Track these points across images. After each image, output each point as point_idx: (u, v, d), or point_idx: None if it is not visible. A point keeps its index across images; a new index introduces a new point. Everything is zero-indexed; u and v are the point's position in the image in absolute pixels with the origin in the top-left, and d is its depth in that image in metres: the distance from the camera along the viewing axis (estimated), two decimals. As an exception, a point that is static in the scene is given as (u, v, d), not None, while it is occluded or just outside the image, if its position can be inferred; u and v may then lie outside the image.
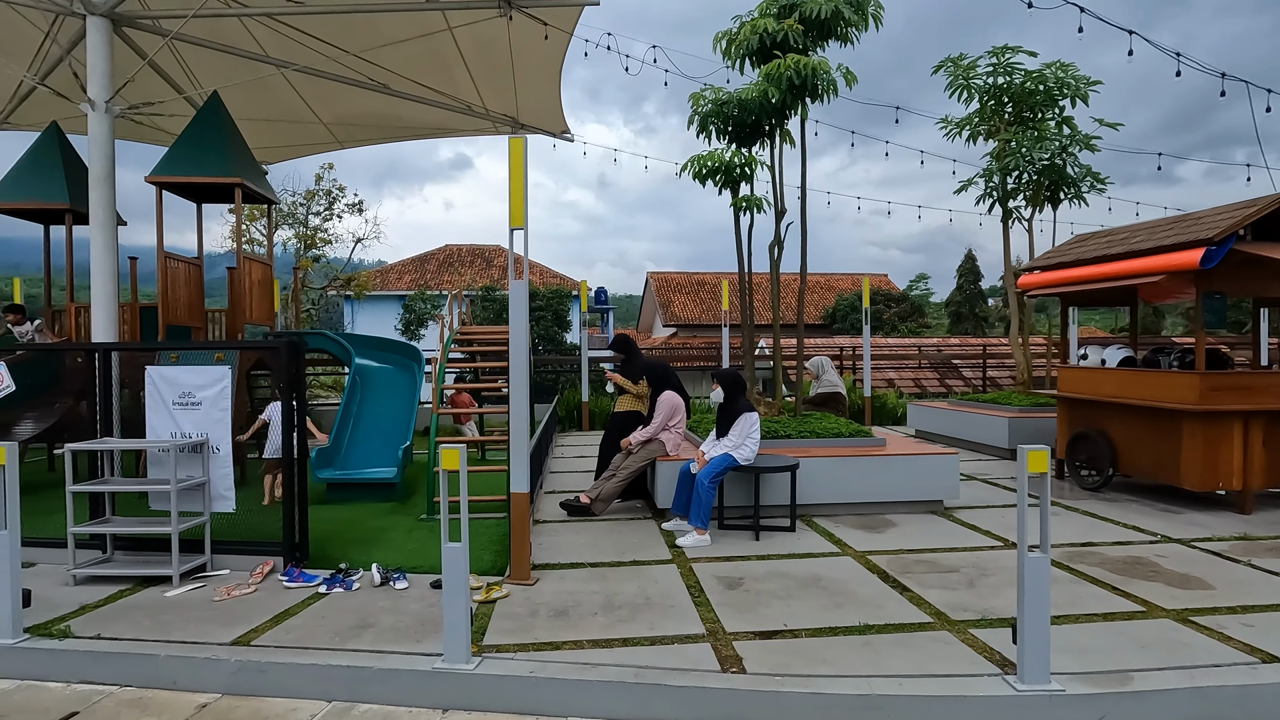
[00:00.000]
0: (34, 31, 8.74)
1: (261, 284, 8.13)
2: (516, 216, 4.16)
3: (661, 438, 5.74)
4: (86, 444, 4.36)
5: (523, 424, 4.23)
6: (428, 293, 22.36)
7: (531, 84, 10.12)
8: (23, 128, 10.68)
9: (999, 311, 41.66)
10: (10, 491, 3.42)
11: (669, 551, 4.85)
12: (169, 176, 7.31)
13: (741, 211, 6.83)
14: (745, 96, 6.40)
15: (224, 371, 4.48)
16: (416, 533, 5.42)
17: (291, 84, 9.96)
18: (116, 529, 4.29)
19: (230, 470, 4.49)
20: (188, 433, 4.49)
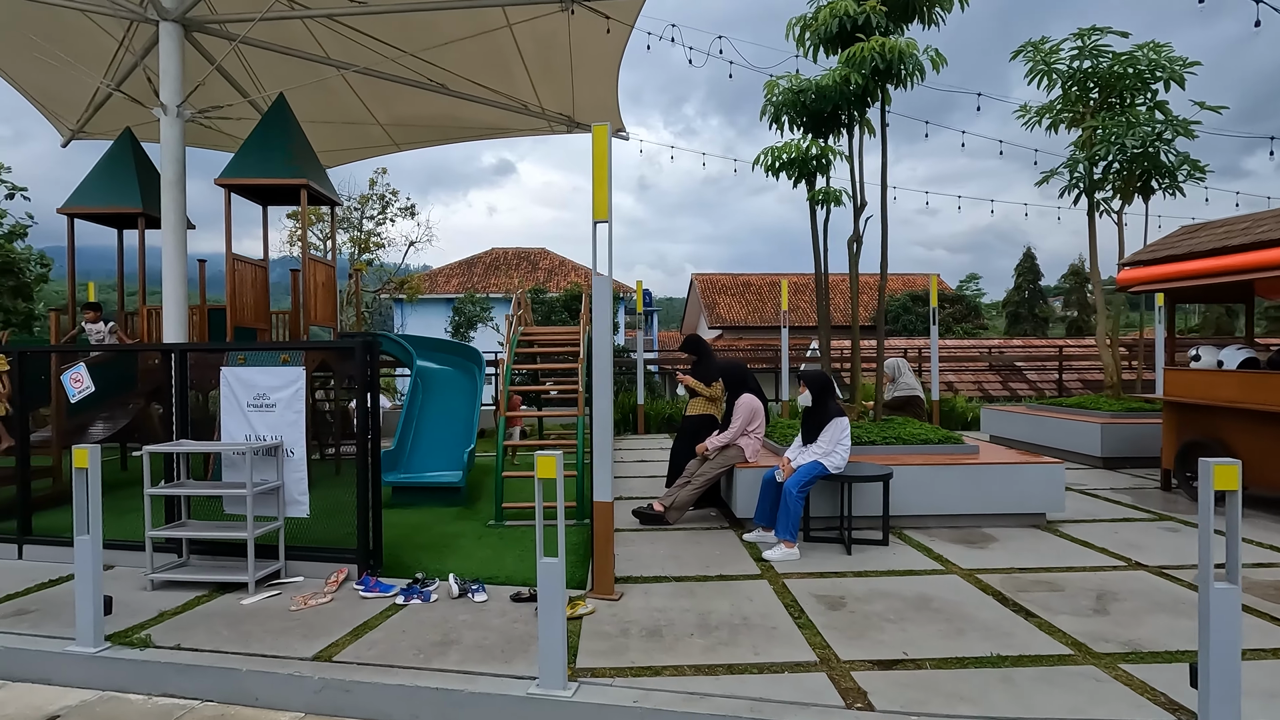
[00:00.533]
0: (109, 41, 8.95)
1: (325, 286, 8.12)
2: (600, 209, 3.92)
3: (740, 443, 5.43)
4: (163, 446, 4.29)
5: (606, 429, 3.98)
6: (476, 295, 22.49)
7: (589, 80, 9.95)
8: (96, 136, 11.01)
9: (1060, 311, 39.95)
10: (93, 496, 3.32)
11: (756, 565, 4.54)
12: (237, 179, 7.33)
13: (818, 205, 6.48)
14: (824, 83, 6.06)
15: (298, 373, 4.36)
16: (486, 539, 5.23)
17: (351, 86, 9.99)
18: (193, 533, 4.20)
19: (304, 474, 4.37)
20: (262, 435, 4.38)
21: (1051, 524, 5.54)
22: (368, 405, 4.27)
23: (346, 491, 4.98)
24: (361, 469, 4.28)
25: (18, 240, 15.61)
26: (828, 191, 6.36)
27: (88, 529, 3.32)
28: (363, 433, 4.26)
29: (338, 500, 4.96)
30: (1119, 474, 7.80)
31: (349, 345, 4.25)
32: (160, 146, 7.37)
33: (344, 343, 4.23)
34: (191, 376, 4.79)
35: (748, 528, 5.27)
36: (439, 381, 7.65)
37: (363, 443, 4.27)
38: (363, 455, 4.27)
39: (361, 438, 4.27)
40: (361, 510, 4.26)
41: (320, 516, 4.56)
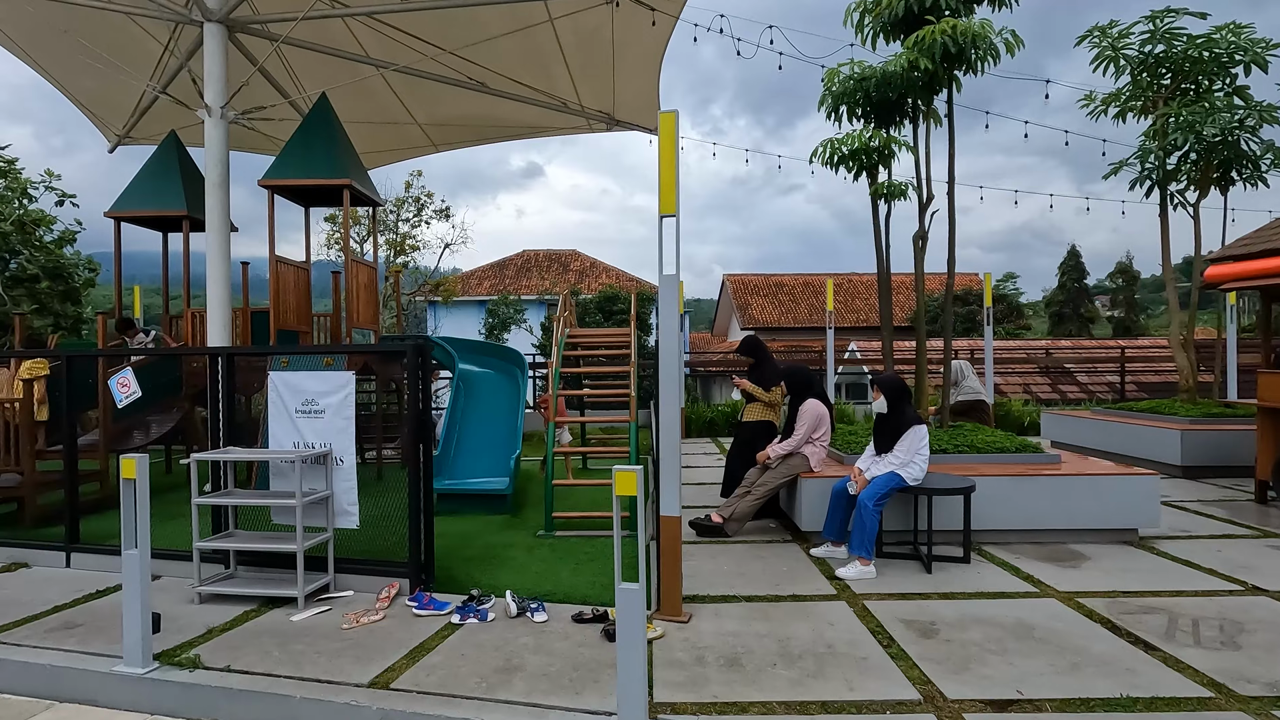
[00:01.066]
0: (154, 45, 8.98)
1: (367, 287, 8.01)
2: (668, 202, 3.66)
3: (804, 451, 5.12)
4: (210, 454, 4.14)
5: (673, 437, 3.71)
6: (510, 297, 22.42)
7: (630, 76, 9.72)
8: (142, 141, 11.12)
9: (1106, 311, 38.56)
10: (141, 509, 3.16)
11: (830, 584, 4.22)
12: (281, 180, 7.25)
13: (880, 199, 6.13)
14: (889, 70, 5.71)
15: (347, 378, 4.17)
16: (538, 552, 5.00)
17: (390, 86, 9.91)
18: (240, 545, 4.04)
19: (354, 484, 4.18)
20: (310, 443, 4.20)
21: (1145, 541, 5.11)
22: (419, 410, 4.06)
23: (391, 499, 4.80)
24: (413, 478, 4.07)
25: (67, 246, 15.90)
26: (891, 185, 6.00)
27: (135, 543, 3.15)
28: (414, 440, 4.06)
29: (384, 509, 4.79)
30: (1203, 484, 7.28)
31: (401, 348, 4.05)
32: (204, 148, 7.32)
33: (396, 346, 4.04)
34: (234, 380, 4.65)
35: (814, 542, 4.95)
36: (481, 384, 7.47)
37: (414, 450, 4.06)
38: (414, 463, 4.07)
39: (413, 445, 4.06)
40: (414, 522, 4.05)
41: (366, 525, 4.38)
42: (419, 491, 4.07)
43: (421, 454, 4.08)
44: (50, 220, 15.50)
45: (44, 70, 9.55)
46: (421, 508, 4.08)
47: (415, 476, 4.06)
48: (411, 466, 4.06)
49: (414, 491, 4.06)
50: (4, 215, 14.64)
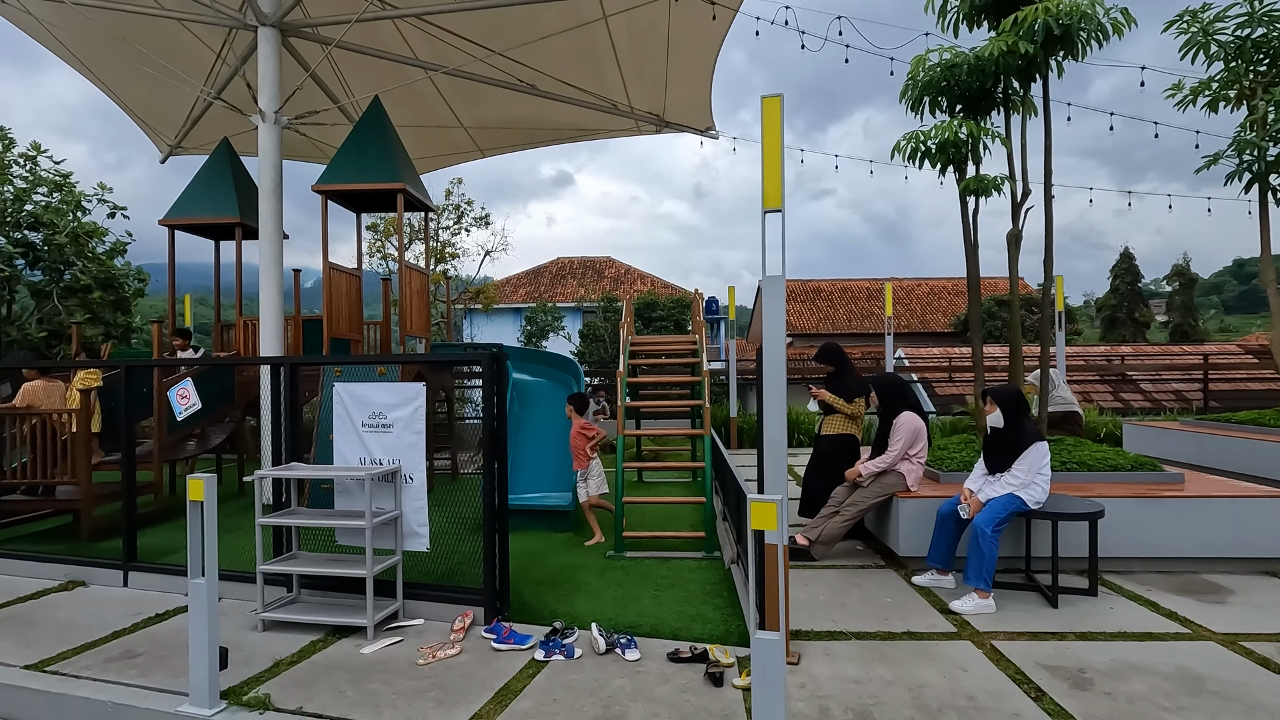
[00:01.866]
0: (207, 53, 8.96)
1: (420, 294, 7.80)
2: (773, 195, 3.30)
3: (900, 469, 4.69)
4: (275, 471, 3.89)
5: (779, 456, 3.34)
6: (549, 304, 22.27)
7: (683, 74, 9.42)
8: (193, 151, 11.17)
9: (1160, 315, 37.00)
10: (209, 535, 2.90)
11: (944, 619, 3.79)
12: (334, 185, 7.08)
13: (971, 195, 5.68)
14: (984, 55, 5.28)
15: (417, 390, 3.89)
16: (612, 575, 4.66)
17: (439, 89, 9.76)
18: (305, 569, 3.78)
19: (424, 503, 3.89)
20: (378, 459, 3.93)
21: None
22: (494, 425, 3.76)
23: (454, 516, 4.53)
24: (488, 498, 3.77)
25: (118, 257, 16.18)
26: (984, 179, 5.55)
27: (203, 571, 2.89)
28: (489, 456, 3.76)
29: (450, 527, 4.50)
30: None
31: (475, 357, 3.76)
32: (259, 153, 7.21)
33: (472, 355, 3.76)
34: (297, 391, 4.41)
35: (914, 568, 4.52)
36: (536, 395, 7.18)
37: (489, 467, 3.76)
38: (489, 482, 3.76)
39: (488, 462, 3.76)
40: (489, 545, 3.75)
41: (434, 546, 4.09)
42: (494, 512, 3.76)
43: (495, 471, 3.77)
44: (103, 232, 15.78)
45: (100, 80, 9.62)
46: (496, 530, 3.77)
47: (490, 496, 3.76)
48: (486, 485, 3.76)
49: (489, 512, 3.75)
50: (59, 227, 14.93)
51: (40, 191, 15.10)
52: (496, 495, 3.78)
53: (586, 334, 21.76)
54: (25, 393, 5.72)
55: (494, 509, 3.76)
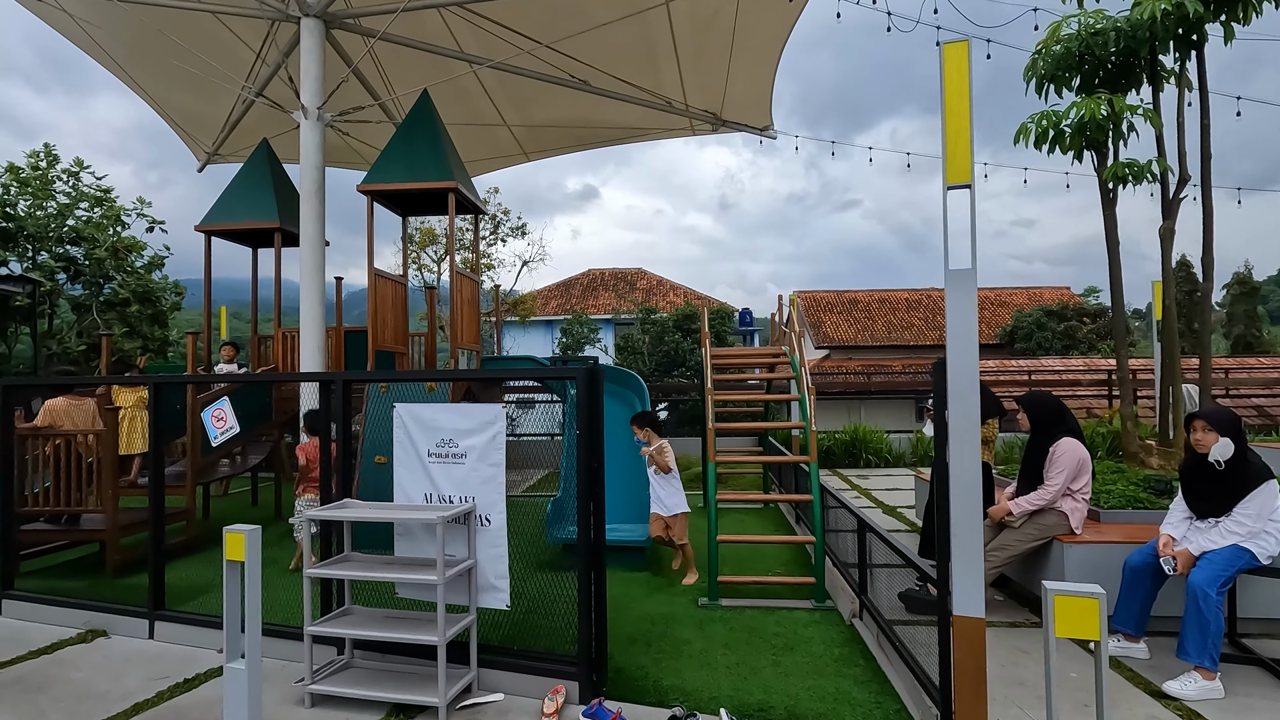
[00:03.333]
0: (247, 53, 8.56)
1: (470, 304, 7.20)
2: (959, 166, 2.59)
3: (1063, 507, 3.89)
4: (328, 511, 3.24)
5: (970, 497, 2.59)
6: (584, 316, 21.69)
7: (745, 69, 8.77)
8: (231, 159, 10.81)
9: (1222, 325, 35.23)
10: (251, 604, 2.24)
11: (1162, 707, 2.98)
12: (381, 184, 6.53)
13: (1116, 184, 4.90)
14: (1139, 17, 4.52)
15: (495, 412, 3.23)
16: (713, 630, 3.92)
17: (484, 87, 9.24)
18: (364, 633, 3.11)
19: (504, 550, 3.21)
20: (447, 495, 3.27)
21: None
22: (590, 455, 3.07)
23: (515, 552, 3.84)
24: (584, 545, 3.07)
25: (155, 270, 16.02)
26: (1131, 165, 4.77)
27: (243, 651, 2.23)
28: (585, 496, 3.06)
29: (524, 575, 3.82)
30: None
31: (569, 372, 3.09)
32: (300, 153, 6.70)
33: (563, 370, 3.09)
34: (351, 413, 3.78)
35: (1085, 630, 3.71)
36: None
37: (585, 508, 3.07)
38: (584, 526, 3.07)
39: (584, 503, 3.07)
40: (585, 603, 3.04)
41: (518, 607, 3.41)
42: (590, 563, 3.06)
43: (593, 512, 3.08)
44: (141, 246, 15.64)
45: (138, 86, 9.27)
46: (594, 585, 3.07)
47: (586, 543, 3.06)
48: (582, 530, 3.06)
49: (584, 563, 3.06)
50: (99, 242, 14.80)
51: (82, 207, 15.05)
52: (594, 542, 3.08)
53: (623, 346, 21.14)
54: (46, 411, 5.20)
55: (590, 560, 3.07)
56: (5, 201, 13.96)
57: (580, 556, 3.08)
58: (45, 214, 14.46)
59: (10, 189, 14.21)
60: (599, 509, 3.12)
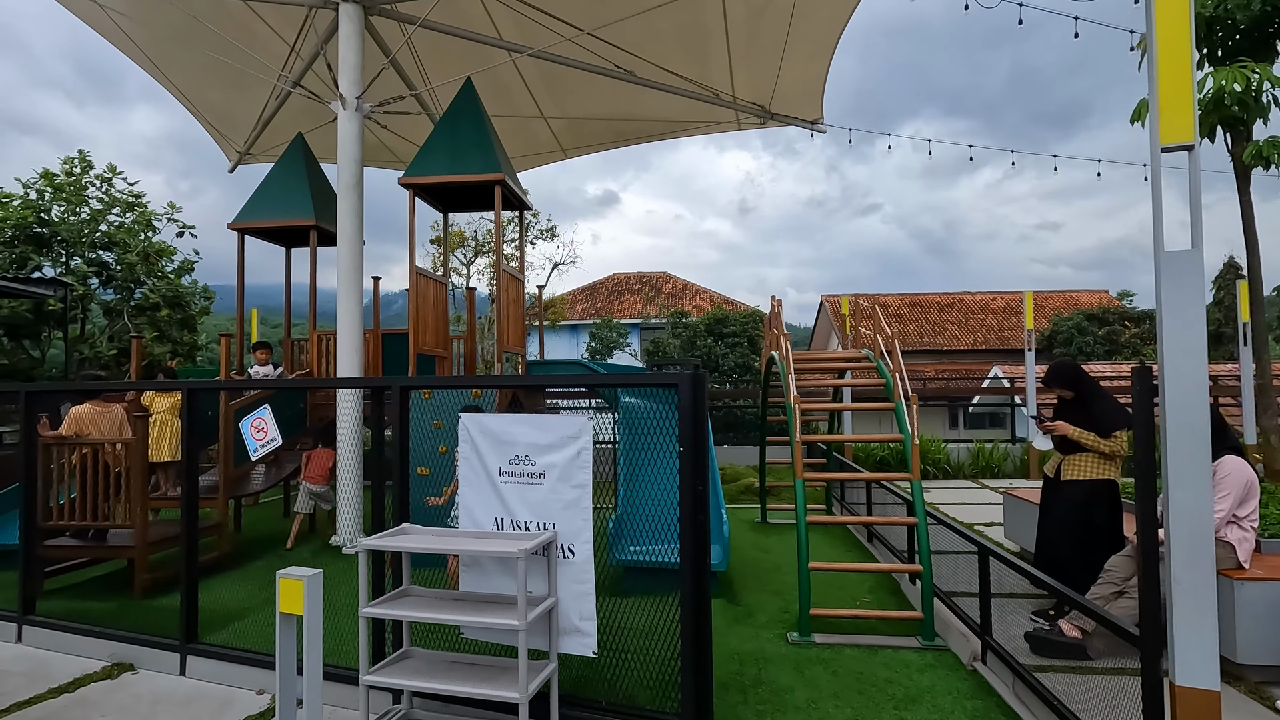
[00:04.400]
0: (281, 47, 8.26)
1: (517, 304, 6.78)
2: (1178, 124, 2.07)
3: (1229, 537, 3.34)
4: (385, 539, 2.80)
5: (1203, 534, 2.07)
6: (613, 320, 21.26)
7: (800, 57, 8.28)
8: (261, 159, 10.56)
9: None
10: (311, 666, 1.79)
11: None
12: (425, 177, 6.13)
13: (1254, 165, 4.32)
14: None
15: (580, 425, 2.76)
16: (814, 674, 3.42)
17: (524, 79, 8.86)
18: (429, 685, 2.64)
19: (591, 587, 2.74)
20: (521, 521, 2.81)
21: None
22: (696, 477, 2.59)
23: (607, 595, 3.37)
24: (691, 580, 2.59)
25: (185, 275, 15.93)
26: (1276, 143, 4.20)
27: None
28: (690, 525, 2.58)
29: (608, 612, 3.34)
30: None
31: (672, 378, 2.62)
32: (338, 145, 6.34)
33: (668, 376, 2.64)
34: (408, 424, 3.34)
35: (1253, 680, 3.15)
36: (647, 421, 6.01)
37: (690, 539, 2.59)
38: (691, 559, 2.59)
39: (689, 532, 2.58)
40: (690, 651, 2.56)
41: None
42: (697, 605, 2.58)
43: (697, 538, 2.60)
44: (171, 251, 15.56)
45: (170, 83, 9.03)
46: (698, 632, 2.58)
47: (694, 582, 2.58)
48: (688, 566, 2.58)
49: (691, 604, 2.57)
50: (131, 246, 14.73)
51: (114, 212, 15.02)
52: (700, 581, 2.60)
53: (653, 351, 20.66)
54: (72, 419, 4.86)
55: (697, 601, 2.58)
56: (40, 207, 13.93)
57: (686, 597, 2.59)
58: (78, 219, 14.43)
59: (45, 195, 14.20)
60: (704, 541, 2.64)
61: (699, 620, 2.60)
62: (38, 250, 13.84)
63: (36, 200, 14.00)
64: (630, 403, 6.14)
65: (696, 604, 2.59)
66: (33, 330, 13.64)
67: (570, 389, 6.17)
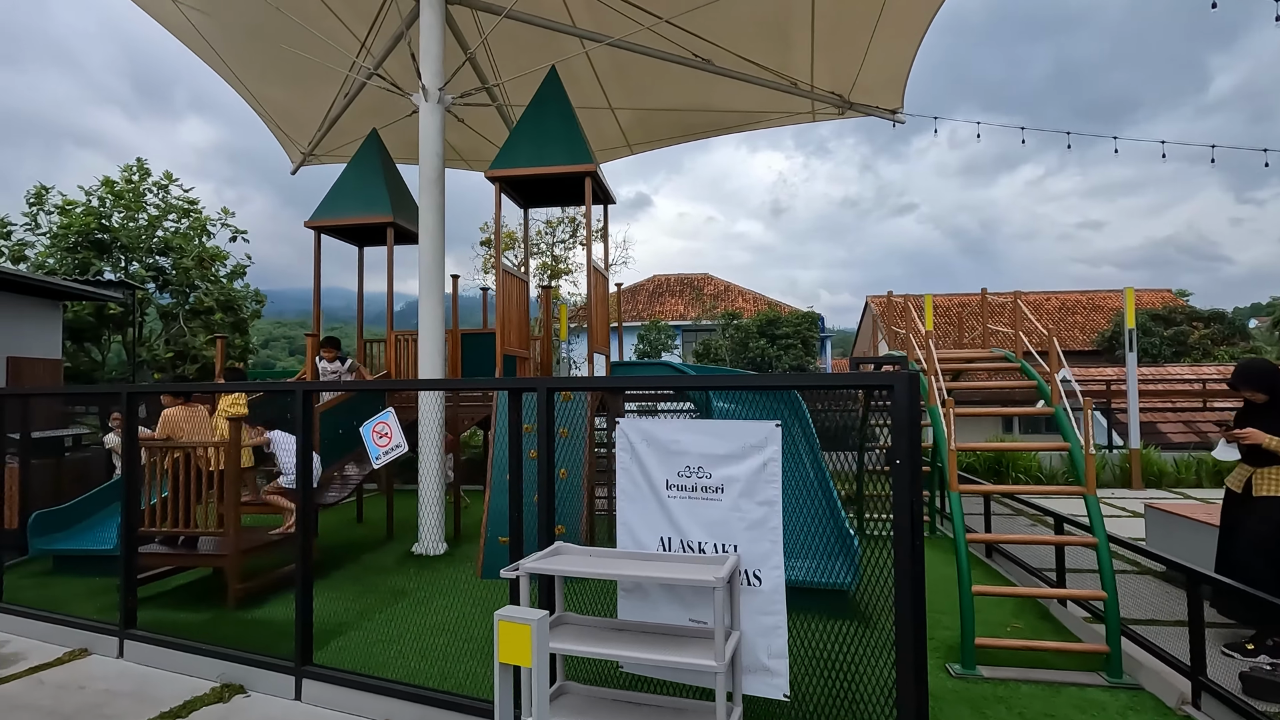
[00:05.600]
0: (352, 42, 8.11)
1: (604, 301, 6.48)
2: None
3: None
4: (544, 562, 2.48)
5: None
6: (661, 322, 20.92)
7: (888, 39, 7.85)
8: (324, 159, 10.48)
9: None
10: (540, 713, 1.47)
11: None
12: (513, 169, 5.87)
13: None
14: None
15: (768, 431, 2.41)
16: (994, 713, 3.02)
17: (595, 71, 8.58)
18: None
19: (783, 619, 2.38)
20: (694, 541, 2.47)
21: None
22: (912, 483, 2.22)
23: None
24: (906, 608, 2.21)
25: (237, 279, 16.07)
26: None
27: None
28: (908, 537, 2.21)
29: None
30: None
31: (887, 378, 2.25)
32: (420, 138, 6.12)
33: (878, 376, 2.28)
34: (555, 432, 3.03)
35: None
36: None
37: (906, 553, 2.21)
38: (907, 580, 2.21)
39: (906, 547, 2.21)
40: (904, 682, 2.18)
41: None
42: (914, 636, 2.20)
43: (913, 552, 2.22)
44: (224, 255, 15.72)
45: (239, 81, 8.96)
46: (916, 671, 2.21)
47: (908, 606, 2.20)
48: (902, 587, 2.21)
49: (907, 642, 2.20)
50: (187, 251, 14.90)
51: (170, 218, 15.23)
52: (914, 607, 2.22)
53: (702, 352, 20.25)
54: (165, 421, 4.68)
55: (914, 632, 2.20)
56: (101, 214, 14.16)
57: (901, 623, 2.22)
58: (137, 225, 14.65)
59: (106, 202, 14.44)
60: (919, 568, 2.26)
61: (918, 668, 2.22)
62: (98, 255, 14.06)
63: (98, 207, 14.24)
64: (724, 408, 5.78)
65: (912, 635, 2.21)
66: (94, 333, 13.84)
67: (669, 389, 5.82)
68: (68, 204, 14.01)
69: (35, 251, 13.96)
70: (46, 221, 14.12)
